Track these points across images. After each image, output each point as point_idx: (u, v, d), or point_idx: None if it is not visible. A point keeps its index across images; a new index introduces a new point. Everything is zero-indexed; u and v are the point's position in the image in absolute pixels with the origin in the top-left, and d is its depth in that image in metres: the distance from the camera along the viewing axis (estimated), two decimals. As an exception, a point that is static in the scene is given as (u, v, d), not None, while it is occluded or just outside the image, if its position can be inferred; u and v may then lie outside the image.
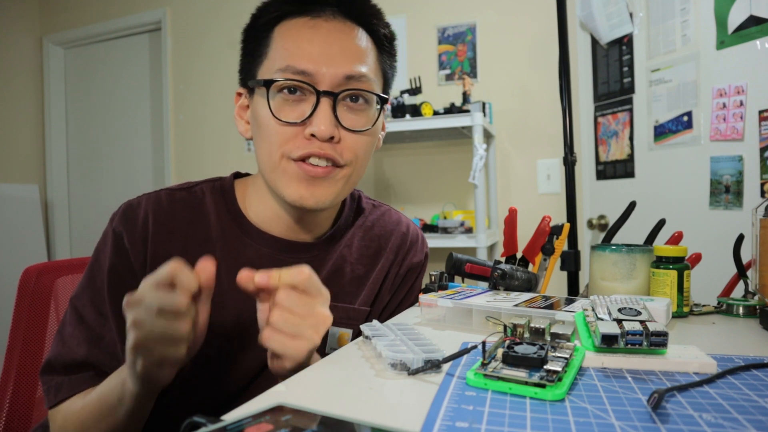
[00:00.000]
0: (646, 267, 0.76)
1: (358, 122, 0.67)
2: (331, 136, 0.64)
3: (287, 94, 0.65)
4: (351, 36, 0.67)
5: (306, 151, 0.64)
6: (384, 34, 0.71)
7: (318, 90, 0.64)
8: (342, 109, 0.66)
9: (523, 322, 0.50)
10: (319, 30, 0.65)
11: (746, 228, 0.77)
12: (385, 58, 0.72)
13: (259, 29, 0.69)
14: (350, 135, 0.66)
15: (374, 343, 0.53)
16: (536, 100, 2.22)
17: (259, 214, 0.73)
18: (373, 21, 0.70)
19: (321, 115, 0.63)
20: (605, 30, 1.83)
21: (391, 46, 0.73)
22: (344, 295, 0.76)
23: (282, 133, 0.65)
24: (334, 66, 0.64)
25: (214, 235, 0.71)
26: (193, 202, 0.72)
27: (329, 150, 0.64)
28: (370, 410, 0.40)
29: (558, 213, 1.56)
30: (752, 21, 1.41)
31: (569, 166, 1.18)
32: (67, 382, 0.64)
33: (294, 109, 0.65)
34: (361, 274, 0.79)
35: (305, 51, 0.64)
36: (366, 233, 0.81)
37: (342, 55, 0.65)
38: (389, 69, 0.74)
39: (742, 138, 1.44)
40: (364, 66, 0.67)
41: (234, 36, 2.84)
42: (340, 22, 0.67)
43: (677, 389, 0.42)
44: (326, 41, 0.65)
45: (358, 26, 0.68)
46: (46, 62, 3.19)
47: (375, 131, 0.71)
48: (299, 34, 0.65)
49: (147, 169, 3.04)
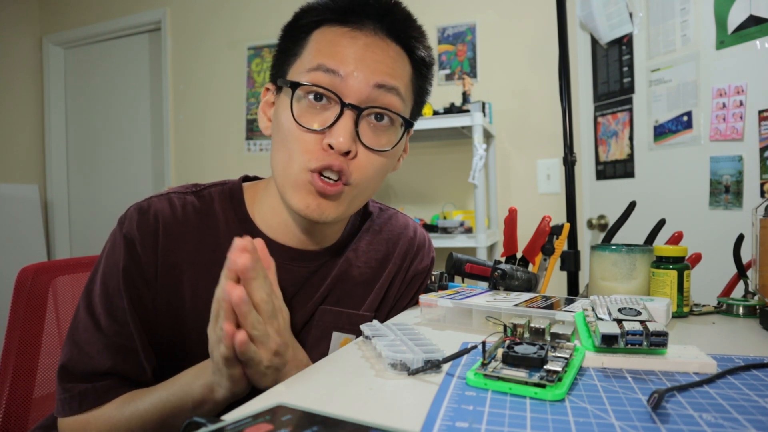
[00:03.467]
0: (646, 267, 0.76)
1: (377, 142, 0.65)
2: (348, 150, 0.62)
3: (312, 100, 0.63)
4: (388, 52, 0.65)
5: (324, 163, 0.62)
6: (422, 57, 0.70)
7: (343, 101, 0.62)
8: (364, 126, 0.64)
9: (523, 322, 0.50)
10: (356, 41, 0.64)
11: (746, 228, 0.77)
12: (420, 82, 0.71)
13: (298, 29, 0.67)
14: (366, 153, 0.65)
15: (374, 343, 0.53)
16: (536, 100, 2.22)
17: (268, 221, 0.72)
18: (413, 42, 0.68)
19: (341, 127, 0.62)
20: (605, 30, 1.83)
21: (428, 71, 0.72)
22: (349, 300, 0.76)
23: (303, 141, 0.63)
24: (365, 72, 0.63)
25: (223, 242, 0.69)
26: (202, 207, 0.71)
27: (344, 164, 0.63)
28: (370, 410, 0.40)
29: (558, 213, 1.56)
30: (752, 21, 1.41)
31: (569, 166, 1.18)
32: (92, 391, 0.63)
33: (317, 116, 0.63)
34: (368, 278, 0.78)
35: (339, 53, 0.63)
36: (374, 237, 0.81)
37: (375, 64, 0.64)
38: (422, 94, 0.73)
39: (742, 138, 1.44)
40: (397, 80, 0.65)
41: (234, 36, 2.86)
42: (379, 38, 0.65)
43: (677, 389, 0.42)
44: (363, 50, 0.64)
45: (398, 45, 0.67)
46: (46, 62, 3.19)
47: (393, 154, 0.69)
48: (336, 39, 0.64)
49: (147, 169, 3.04)
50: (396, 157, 0.72)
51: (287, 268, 0.71)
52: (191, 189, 0.73)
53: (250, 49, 2.74)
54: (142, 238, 0.66)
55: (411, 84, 0.69)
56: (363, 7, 0.65)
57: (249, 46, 2.74)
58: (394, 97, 0.65)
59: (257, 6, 2.72)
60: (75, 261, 0.97)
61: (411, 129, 0.74)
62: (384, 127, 0.66)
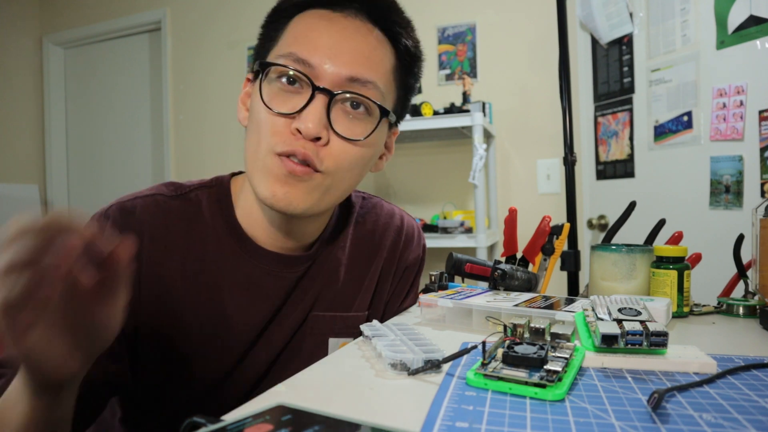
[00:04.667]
0: (646, 267, 0.76)
1: (352, 130, 0.61)
2: (317, 136, 0.58)
3: (285, 84, 0.60)
4: (367, 38, 0.62)
5: (289, 147, 0.58)
6: (407, 47, 0.66)
7: (315, 85, 0.59)
8: (338, 112, 0.61)
9: (523, 322, 0.50)
10: (334, 24, 0.61)
11: (746, 228, 0.77)
12: (404, 75, 0.67)
13: (279, 14, 0.65)
14: (339, 141, 0.61)
15: (374, 343, 0.53)
16: (536, 100, 2.22)
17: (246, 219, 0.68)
18: (396, 29, 0.64)
19: (311, 111, 0.58)
20: (605, 30, 1.83)
21: (412, 62, 0.68)
22: (340, 302, 0.74)
23: (271, 124, 0.60)
24: (338, 64, 0.59)
25: (211, 249, 0.66)
26: (189, 212, 0.67)
27: (310, 151, 0.59)
28: (370, 410, 0.40)
29: (558, 213, 1.56)
30: (752, 21, 1.41)
31: (569, 166, 1.18)
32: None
33: (288, 100, 0.60)
34: (356, 276, 0.76)
35: (312, 41, 0.60)
36: (357, 230, 0.77)
37: (351, 54, 0.60)
38: (406, 87, 0.69)
39: (742, 138, 1.44)
40: (372, 73, 0.61)
41: (234, 36, 2.86)
42: (360, 22, 0.62)
43: (677, 389, 0.42)
44: (338, 37, 0.60)
45: (380, 32, 0.63)
46: (46, 62, 3.19)
47: (370, 144, 0.64)
48: (313, 24, 0.61)
49: (147, 169, 3.04)
50: (374, 150, 0.67)
51: (276, 275, 0.68)
52: (175, 192, 0.68)
53: (250, 49, 2.74)
54: None
55: (393, 75, 0.65)
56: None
57: (249, 46, 2.74)
58: (370, 90, 0.61)
59: (257, 6, 2.72)
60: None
61: (396, 129, 0.71)
62: (360, 116, 0.62)
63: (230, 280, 0.66)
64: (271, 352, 0.69)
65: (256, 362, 0.69)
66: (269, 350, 0.69)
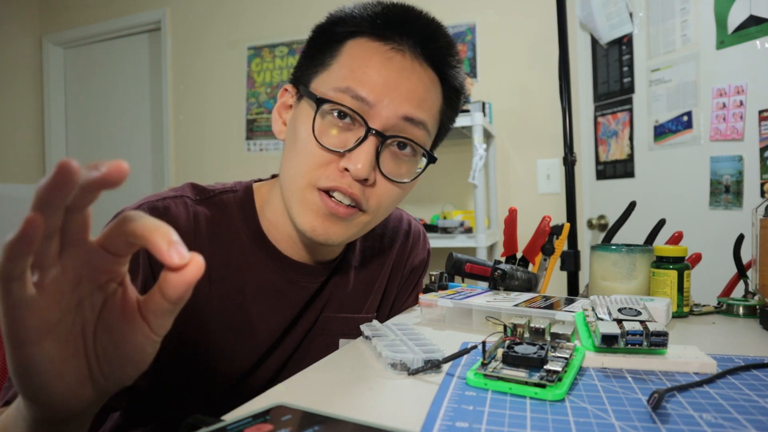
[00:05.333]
0: (646, 267, 0.76)
1: (397, 172, 0.62)
2: (366, 177, 0.58)
3: (336, 118, 0.59)
4: (422, 80, 0.62)
5: (334, 183, 0.59)
6: (455, 87, 0.66)
7: (369, 126, 0.59)
8: (386, 154, 0.61)
9: (523, 322, 0.50)
10: (391, 63, 0.60)
11: (746, 228, 0.77)
12: (448, 111, 0.68)
13: (331, 37, 0.63)
14: (384, 182, 0.61)
15: (374, 343, 0.53)
16: (536, 100, 2.22)
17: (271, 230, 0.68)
18: (449, 70, 0.64)
19: (362, 153, 0.58)
20: (605, 30, 1.83)
21: (457, 100, 0.68)
22: (351, 304, 0.75)
23: (318, 156, 0.59)
24: (395, 102, 0.59)
25: (236, 255, 0.66)
26: (214, 217, 0.67)
27: (357, 191, 0.59)
28: (370, 410, 0.40)
29: (558, 213, 1.56)
30: (752, 21, 1.41)
31: (569, 166, 1.18)
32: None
33: (338, 136, 0.59)
34: (366, 278, 0.77)
35: (371, 78, 0.59)
36: (368, 233, 0.77)
37: (408, 94, 0.60)
38: (447, 123, 0.70)
39: (742, 138, 1.44)
40: (425, 114, 0.62)
41: (234, 36, 2.86)
42: (416, 63, 0.61)
43: (677, 389, 0.42)
44: (396, 76, 0.60)
45: (433, 71, 0.63)
46: (45, 62, 3.19)
47: (412, 185, 0.66)
48: (370, 59, 0.60)
49: (147, 169, 3.04)
50: (410, 189, 0.68)
51: (301, 284, 0.69)
52: (199, 195, 0.68)
53: (250, 49, 2.74)
54: None
55: (439, 114, 0.66)
56: (405, 27, 0.61)
57: (249, 46, 2.74)
58: (420, 131, 0.62)
59: (257, 6, 2.72)
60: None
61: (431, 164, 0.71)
62: (405, 157, 0.63)
63: (255, 286, 0.66)
64: (284, 354, 0.70)
65: (270, 366, 0.69)
66: (282, 353, 0.70)
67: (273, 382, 0.69)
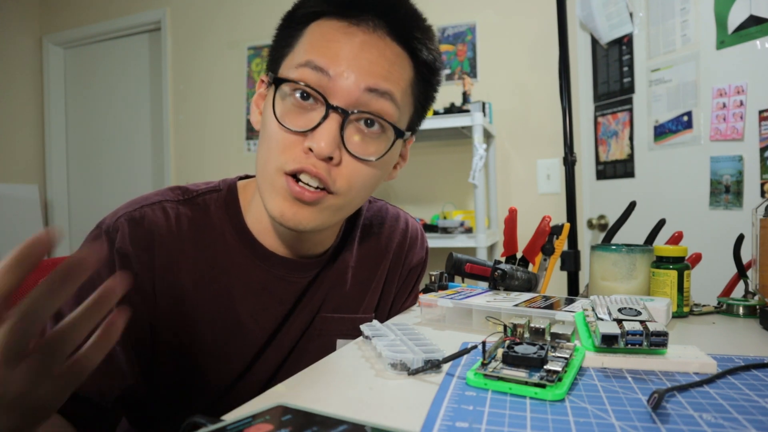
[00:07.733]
0: (646, 267, 0.76)
1: (365, 149, 0.60)
2: (329, 155, 0.57)
3: (299, 99, 0.59)
4: (384, 53, 0.60)
5: (299, 165, 0.57)
6: (426, 60, 0.64)
7: (329, 103, 0.57)
8: (351, 131, 0.59)
9: (523, 322, 0.50)
10: (353, 37, 0.59)
11: (746, 228, 0.77)
12: (423, 87, 0.66)
13: (295, 20, 0.63)
14: (352, 161, 0.60)
15: (374, 343, 0.53)
16: (536, 100, 2.22)
17: (256, 225, 0.67)
18: (416, 44, 0.62)
19: (324, 130, 0.57)
20: (605, 30, 1.83)
21: (432, 76, 0.66)
22: (347, 305, 0.74)
23: (282, 140, 0.59)
24: (357, 74, 0.58)
25: (221, 255, 0.65)
26: (197, 219, 0.66)
27: (323, 170, 0.58)
28: (370, 410, 0.40)
29: (558, 213, 1.56)
30: (752, 21, 1.41)
31: (569, 166, 1.18)
32: None
33: (301, 117, 0.58)
34: (363, 279, 0.76)
35: (330, 50, 0.58)
36: (364, 233, 0.78)
37: (369, 67, 0.58)
38: (424, 100, 0.67)
39: (742, 138, 1.44)
40: (390, 84, 0.60)
41: (234, 36, 2.85)
42: (378, 37, 0.60)
43: (677, 389, 0.42)
44: (357, 49, 0.58)
45: (399, 45, 0.61)
46: (46, 62, 3.19)
47: (383, 164, 0.63)
48: (331, 35, 0.59)
49: (147, 169, 3.04)
50: (387, 167, 0.66)
51: (288, 280, 0.68)
52: (182, 196, 0.67)
53: (250, 49, 2.74)
54: (137, 253, 0.60)
55: (411, 89, 0.64)
56: (364, 2, 0.60)
57: (249, 46, 2.74)
58: (386, 102, 0.60)
59: (257, 6, 2.72)
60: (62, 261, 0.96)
61: (411, 137, 0.69)
62: (374, 135, 0.61)
63: (242, 285, 0.66)
64: (280, 354, 0.70)
65: (266, 365, 0.69)
66: (278, 353, 0.70)
67: (271, 382, 0.69)
